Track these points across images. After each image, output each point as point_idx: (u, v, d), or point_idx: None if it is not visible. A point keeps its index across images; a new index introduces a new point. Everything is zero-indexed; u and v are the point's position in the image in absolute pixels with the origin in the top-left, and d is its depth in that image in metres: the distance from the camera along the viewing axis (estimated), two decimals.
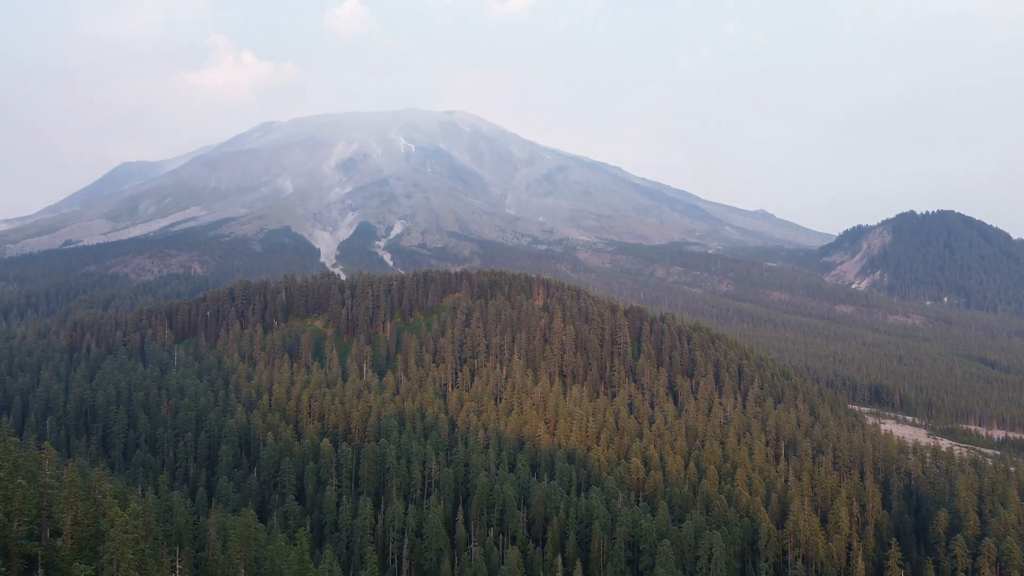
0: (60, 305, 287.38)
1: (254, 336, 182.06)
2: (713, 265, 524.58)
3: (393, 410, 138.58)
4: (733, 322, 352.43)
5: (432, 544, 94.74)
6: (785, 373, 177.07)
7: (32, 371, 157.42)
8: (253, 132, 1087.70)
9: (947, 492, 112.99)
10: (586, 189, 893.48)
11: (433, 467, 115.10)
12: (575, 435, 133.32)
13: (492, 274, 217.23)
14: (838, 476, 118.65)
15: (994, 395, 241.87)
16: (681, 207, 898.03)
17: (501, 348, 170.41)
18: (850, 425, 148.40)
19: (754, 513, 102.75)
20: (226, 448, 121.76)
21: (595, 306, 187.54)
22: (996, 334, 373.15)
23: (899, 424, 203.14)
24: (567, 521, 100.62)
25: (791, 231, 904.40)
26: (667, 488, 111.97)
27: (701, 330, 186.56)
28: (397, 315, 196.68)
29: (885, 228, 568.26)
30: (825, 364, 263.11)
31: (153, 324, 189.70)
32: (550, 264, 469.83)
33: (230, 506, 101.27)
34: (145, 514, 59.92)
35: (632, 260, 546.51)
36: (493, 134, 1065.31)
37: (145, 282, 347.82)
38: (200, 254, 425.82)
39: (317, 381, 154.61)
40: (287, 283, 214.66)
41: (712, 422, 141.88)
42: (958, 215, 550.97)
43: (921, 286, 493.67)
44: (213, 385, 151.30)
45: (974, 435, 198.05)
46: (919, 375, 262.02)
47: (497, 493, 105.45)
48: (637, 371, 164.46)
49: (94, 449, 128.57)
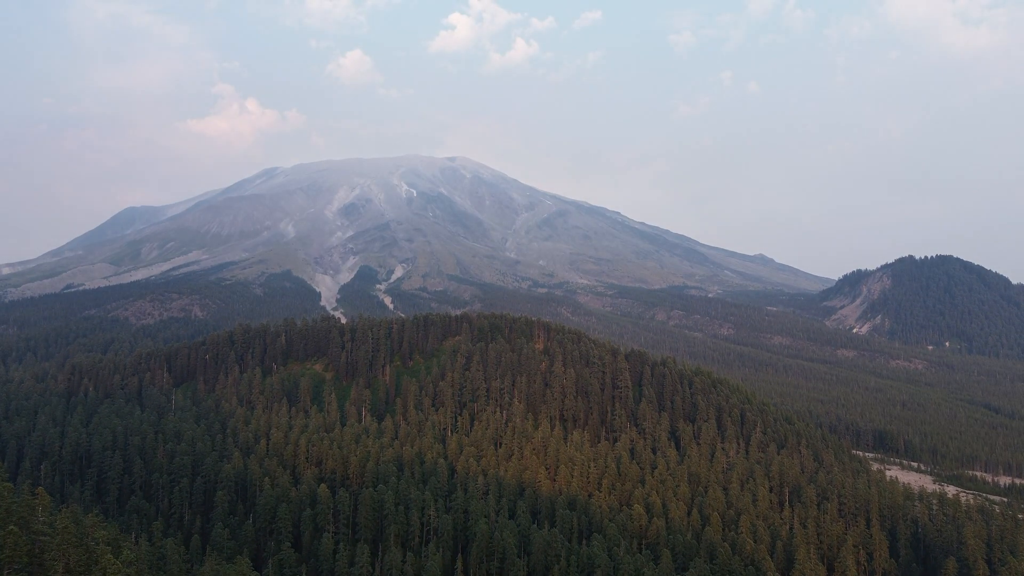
0: (59, 349, 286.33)
1: (253, 380, 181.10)
2: (713, 309, 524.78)
3: (392, 455, 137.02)
4: (734, 366, 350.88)
5: None
6: (788, 418, 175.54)
7: (28, 416, 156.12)
8: (256, 178, 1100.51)
9: (955, 540, 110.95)
10: (586, 234, 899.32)
11: (432, 514, 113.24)
12: (576, 481, 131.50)
13: (492, 317, 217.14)
14: (844, 524, 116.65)
15: (999, 441, 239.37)
16: (680, 251, 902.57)
17: (501, 392, 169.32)
18: (855, 471, 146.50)
19: (759, 562, 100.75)
20: (222, 494, 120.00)
21: (596, 350, 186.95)
22: (999, 379, 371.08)
23: (904, 470, 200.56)
24: (568, 570, 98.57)
25: (790, 275, 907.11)
26: (670, 536, 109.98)
27: (702, 374, 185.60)
28: (397, 359, 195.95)
29: (884, 273, 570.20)
30: (828, 409, 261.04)
31: (152, 368, 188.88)
32: (551, 307, 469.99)
33: (225, 553, 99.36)
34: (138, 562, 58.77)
35: (632, 304, 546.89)
36: (493, 179, 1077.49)
37: (145, 326, 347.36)
38: (201, 298, 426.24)
39: (315, 426, 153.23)
40: (287, 327, 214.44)
41: (715, 468, 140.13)
42: (957, 260, 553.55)
43: (922, 331, 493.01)
44: (210, 430, 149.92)
45: (980, 481, 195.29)
46: (923, 420, 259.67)
47: (497, 541, 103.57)
48: (639, 416, 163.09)
49: (88, 495, 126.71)
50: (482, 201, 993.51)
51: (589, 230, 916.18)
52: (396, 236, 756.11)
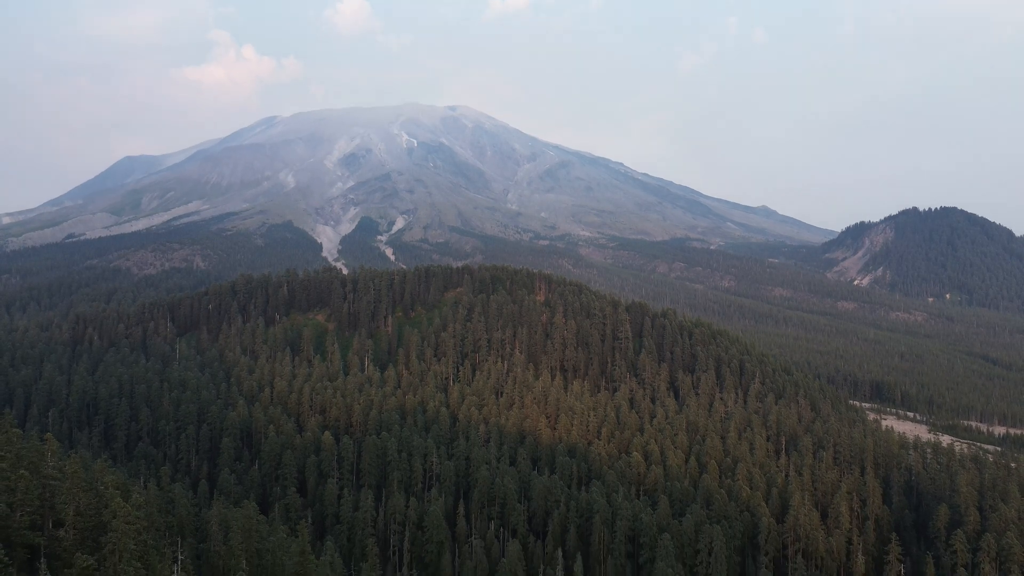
0: (62, 299, 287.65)
1: (256, 330, 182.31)
2: (715, 261, 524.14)
3: (394, 404, 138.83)
4: (735, 318, 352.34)
5: (433, 537, 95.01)
6: (786, 369, 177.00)
7: (34, 364, 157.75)
8: (255, 127, 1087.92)
9: (948, 488, 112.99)
10: (588, 185, 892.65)
11: (434, 461, 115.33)
12: (576, 430, 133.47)
13: (494, 269, 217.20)
14: (839, 472, 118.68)
15: (996, 392, 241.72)
16: (683, 203, 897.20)
17: (502, 343, 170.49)
18: (851, 421, 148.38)
19: (754, 508, 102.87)
20: (228, 441, 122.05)
21: (597, 302, 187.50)
22: (998, 331, 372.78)
23: (900, 420, 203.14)
24: (568, 515, 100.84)
25: (793, 227, 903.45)
26: (668, 483, 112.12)
27: (703, 326, 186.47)
28: (399, 310, 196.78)
29: (887, 225, 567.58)
30: (827, 360, 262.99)
31: (155, 318, 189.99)
32: (552, 260, 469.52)
33: (232, 498, 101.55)
34: (147, 506, 60.13)
35: (634, 256, 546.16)
36: (495, 129, 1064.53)
37: (147, 276, 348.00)
38: (202, 248, 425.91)
39: (318, 375, 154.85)
40: (289, 278, 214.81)
41: (713, 417, 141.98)
42: (961, 212, 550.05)
43: (923, 283, 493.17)
44: (215, 379, 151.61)
45: (975, 431, 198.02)
46: (920, 372, 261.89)
47: (498, 487, 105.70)
48: (638, 367, 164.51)
49: (96, 441, 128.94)
50: (483, 151, 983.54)
51: (592, 181, 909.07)
52: (397, 187, 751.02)
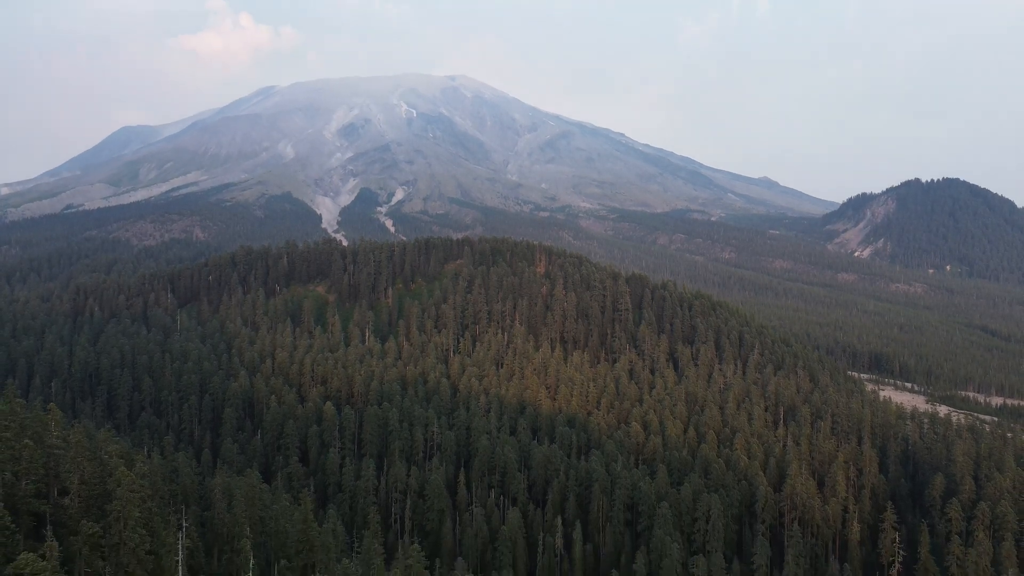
0: (62, 270, 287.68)
1: (256, 302, 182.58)
2: (716, 233, 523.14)
3: (395, 375, 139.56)
4: (735, 290, 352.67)
5: (434, 505, 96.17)
6: (785, 340, 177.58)
7: (36, 335, 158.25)
8: (253, 97, 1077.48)
9: (944, 458, 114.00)
10: (589, 156, 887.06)
11: (435, 431, 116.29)
12: (576, 400, 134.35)
13: (494, 241, 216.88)
14: (836, 441, 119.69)
15: (994, 363, 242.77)
16: (685, 174, 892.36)
17: (503, 315, 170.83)
18: (849, 392, 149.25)
19: (752, 477, 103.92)
20: (230, 411, 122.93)
21: (597, 274, 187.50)
22: (998, 303, 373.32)
23: (898, 391, 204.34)
24: (567, 483, 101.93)
25: (795, 199, 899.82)
26: (666, 452, 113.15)
27: (702, 298, 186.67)
28: (399, 282, 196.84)
29: (889, 196, 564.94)
30: (826, 332, 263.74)
31: (156, 289, 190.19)
32: (552, 232, 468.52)
33: (234, 468, 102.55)
34: (151, 474, 60.73)
35: (635, 228, 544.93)
36: (495, 100, 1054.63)
37: (147, 247, 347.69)
38: (202, 219, 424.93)
39: (319, 346, 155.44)
40: (289, 249, 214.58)
41: (712, 388, 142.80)
42: (964, 183, 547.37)
43: (924, 255, 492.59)
44: (216, 350, 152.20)
45: (973, 402, 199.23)
46: (919, 343, 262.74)
47: (498, 456, 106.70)
48: (638, 338, 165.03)
49: (99, 412, 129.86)
50: (483, 122, 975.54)
51: (592, 152, 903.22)
52: (396, 158, 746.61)
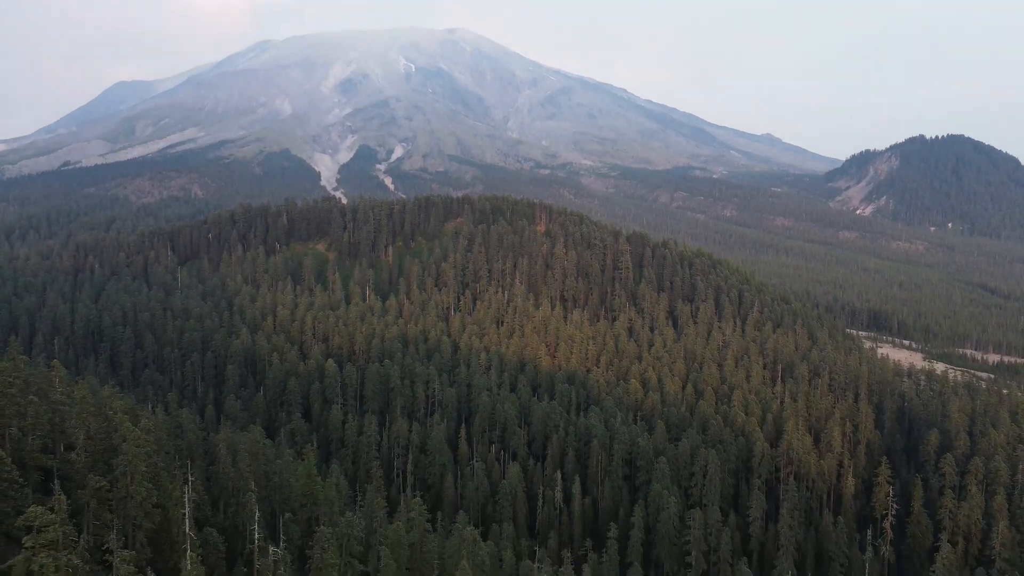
0: (61, 227, 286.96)
1: (256, 260, 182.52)
2: (717, 191, 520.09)
3: (396, 333, 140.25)
4: (735, 248, 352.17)
5: (436, 460, 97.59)
6: (785, 298, 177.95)
7: (37, 292, 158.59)
8: (249, 51, 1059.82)
9: (939, 414, 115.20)
10: (590, 112, 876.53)
11: (436, 388, 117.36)
12: (575, 358, 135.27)
13: (494, 200, 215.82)
14: (833, 398, 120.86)
15: (992, 320, 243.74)
16: (687, 131, 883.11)
17: (503, 273, 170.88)
18: (847, 349, 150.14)
19: (749, 433, 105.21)
20: (232, 368, 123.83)
21: (597, 232, 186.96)
22: (998, 261, 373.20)
23: (896, 348, 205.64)
24: (567, 439, 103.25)
25: (797, 156, 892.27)
26: (665, 409, 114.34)
27: (703, 256, 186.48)
28: (399, 240, 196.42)
29: (893, 153, 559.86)
30: (826, 290, 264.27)
31: (155, 247, 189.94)
32: (553, 190, 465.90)
33: (238, 424, 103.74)
34: (156, 430, 61.49)
35: (636, 186, 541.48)
36: (495, 54, 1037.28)
37: (145, 204, 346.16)
38: (200, 177, 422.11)
39: (320, 304, 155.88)
40: (288, 207, 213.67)
41: (711, 346, 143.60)
42: (968, 140, 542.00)
43: (926, 212, 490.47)
44: (217, 307, 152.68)
45: (970, 359, 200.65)
46: (918, 301, 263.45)
47: (499, 412, 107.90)
48: (638, 296, 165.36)
49: (103, 368, 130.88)
50: (483, 77, 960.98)
51: (594, 108, 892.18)
52: (395, 114, 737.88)
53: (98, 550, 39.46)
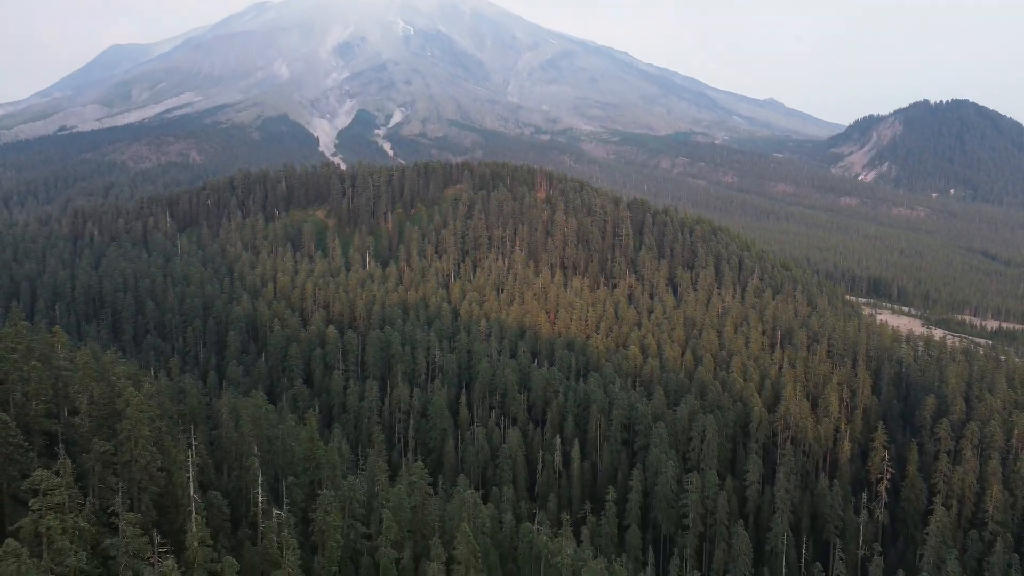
0: (59, 193, 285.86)
1: (256, 226, 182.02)
2: (719, 156, 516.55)
3: (396, 300, 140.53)
4: (736, 215, 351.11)
5: (437, 424, 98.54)
6: (785, 265, 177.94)
7: (37, 259, 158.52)
8: (245, 13, 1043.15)
9: (937, 380, 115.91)
10: (592, 76, 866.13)
11: (436, 354, 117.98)
12: (575, 325, 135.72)
13: (494, 166, 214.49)
14: (831, 364, 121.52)
15: (992, 287, 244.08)
16: (689, 96, 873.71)
17: (503, 240, 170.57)
18: (846, 316, 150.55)
19: (747, 398, 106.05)
20: (233, 335, 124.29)
21: (598, 199, 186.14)
22: (999, 227, 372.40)
23: (895, 315, 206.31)
24: (566, 404, 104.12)
25: (800, 121, 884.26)
26: (664, 375, 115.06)
27: (703, 223, 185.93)
28: (399, 207, 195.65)
29: (897, 118, 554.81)
30: (826, 257, 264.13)
31: (154, 213, 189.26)
32: (553, 156, 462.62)
33: (240, 389, 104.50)
34: (159, 395, 62.02)
35: (637, 152, 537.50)
36: (495, 16, 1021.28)
37: (144, 170, 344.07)
38: (198, 142, 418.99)
39: (320, 271, 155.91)
40: (287, 173, 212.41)
41: (710, 312, 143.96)
42: (972, 105, 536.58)
43: (929, 178, 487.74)
44: (217, 274, 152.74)
45: (968, 326, 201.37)
46: (919, 267, 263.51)
47: (499, 378, 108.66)
48: (638, 263, 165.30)
49: (104, 334, 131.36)
50: (483, 40, 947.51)
51: (595, 72, 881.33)
52: (394, 78, 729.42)
53: (104, 513, 40.06)
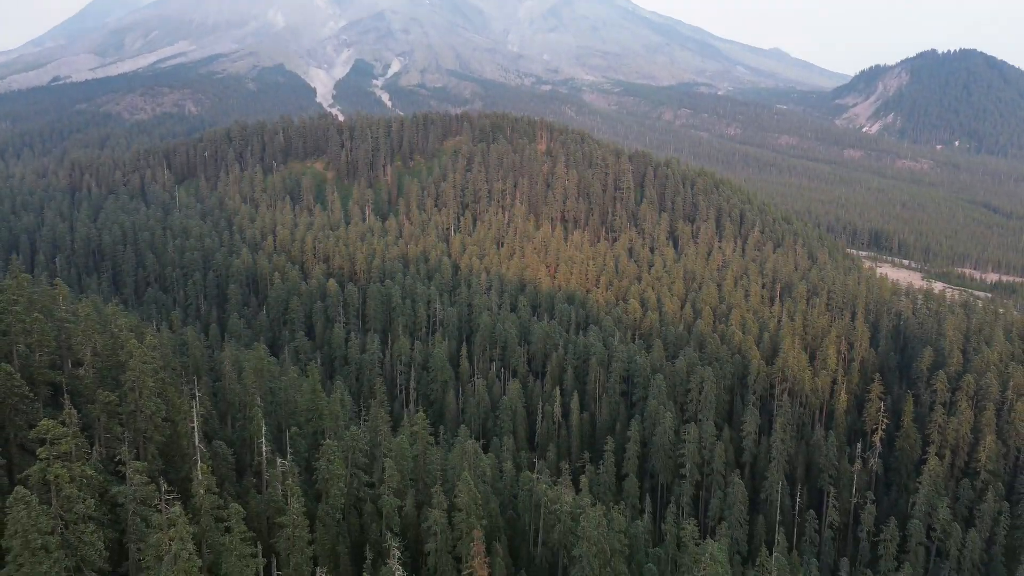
0: (55, 144, 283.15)
1: (254, 178, 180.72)
2: (722, 108, 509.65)
3: (397, 253, 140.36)
4: (739, 167, 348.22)
5: (438, 376, 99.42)
6: (786, 218, 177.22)
7: (35, 211, 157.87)
8: None
9: (935, 332, 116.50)
10: (594, 24, 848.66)
11: (437, 307, 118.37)
12: (575, 279, 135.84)
13: (494, 117, 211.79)
14: (830, 317, 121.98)
15: (993, 240, 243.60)
16: (693, 45, 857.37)
17: (503, 194, 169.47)
18: (846, 269, 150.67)
19: (746, 351, 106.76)
20: (234, 288, 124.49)
21: (599, 151, 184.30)
22: (1003, 179, 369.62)
23: (895, 268, 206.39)
24: (566, 357, 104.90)
25: (805, 71, 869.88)
26: (663, 328, 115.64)
27: (705, 176, 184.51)
28: (397, 159, 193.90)
29: (903, 68, 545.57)
30: (828, 209, 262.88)
31: (152, 165, 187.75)
32: (554, 107, 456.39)
33: (242, 342, 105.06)
34: (162, 347, 62.39)
35: (639, 102, 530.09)
36: None
37: (139, 121, 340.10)
38: (193, 92, 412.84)
39: (320, 224, 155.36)
40: (284, 125, 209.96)
41: (711, 266, 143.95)
42: (980, 55, 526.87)
43: (934, 130, 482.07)
44: (217, 227, 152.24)
45: (968, 279, 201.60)
46: (920, 220, 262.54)
47: (499, 331, 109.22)
48: (639, 217, 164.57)
49: (105, 287, 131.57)
50: None
51: (597, 20, 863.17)
52: (391, 27, 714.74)
53: (111, 461, 40.69)
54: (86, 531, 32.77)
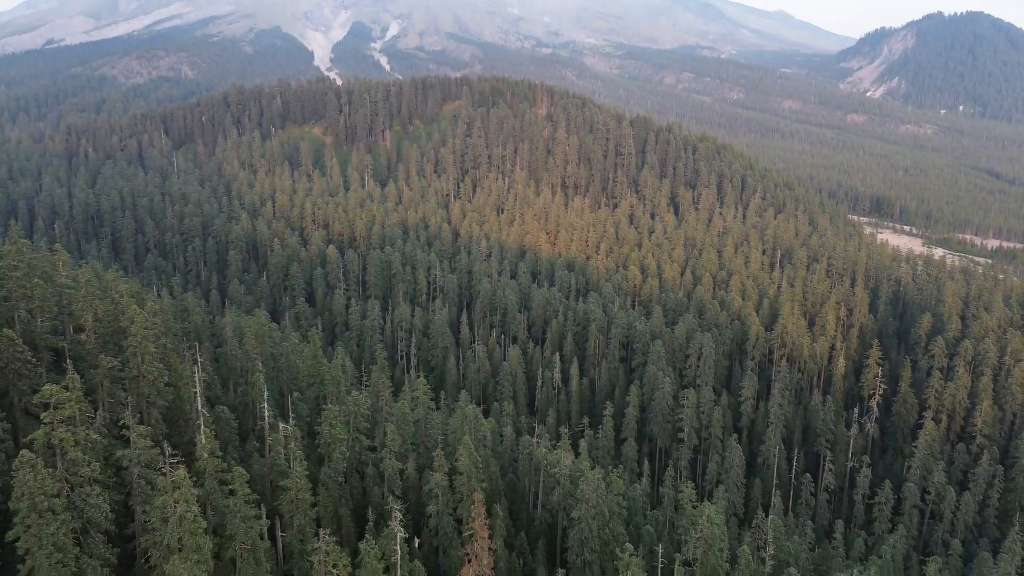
0: (50, 108, 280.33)
1: (252, 144, 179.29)
2: (725, 72, 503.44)
3: (396, 220, 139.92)
4: (741, 132, 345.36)
5: (438, 343, 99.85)
6: (788, 184, 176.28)
7: (33, 177, 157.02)
8: None
9: (934, 298, 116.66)
10: None
11: (437, 274, 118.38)
12: (575, 245, 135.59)
13: (494, 81, 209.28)
14: (830, 283, 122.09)
15: (995, 206, 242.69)
16: (696, 6, 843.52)
17: (503, 159, 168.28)
18: (847, 235, 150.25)
19: (745, 317, 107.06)
20: (234, 254, 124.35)
21: (600, 116, 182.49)
22: (1007, 145, 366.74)
23: (896, 234, 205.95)
24: (565, 323, 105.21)
25: (810, 34, 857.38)
26: (663, 294, 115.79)
27: (707, 141, 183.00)
28: (396, 124, 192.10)
29: (909, 31, 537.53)
30: (830, 175, 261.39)
31: (149, 130, 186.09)
32: (555, 70, 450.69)
33: (243, 308, 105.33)
34: (163, 312, 62.48)
35: (641, 66, 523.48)
36: None
37: (135, 85, 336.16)
38: (189, 56, 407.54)
39: (319, 190, 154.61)
40: (282, 88, 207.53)
41: (711, 232, 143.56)
42: (987, 17, 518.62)
43: (938, 94, 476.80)
44: (215, 192, 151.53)
45: (969, 245, 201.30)
46: (922, 186, 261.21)
47: (499, 298, 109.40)
48: (640, 182, 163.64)
49: (105, 253, 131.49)
50: None
51: None
52: None
53: (114, 426, 41.06)
54: (92, 494, 33.23)
